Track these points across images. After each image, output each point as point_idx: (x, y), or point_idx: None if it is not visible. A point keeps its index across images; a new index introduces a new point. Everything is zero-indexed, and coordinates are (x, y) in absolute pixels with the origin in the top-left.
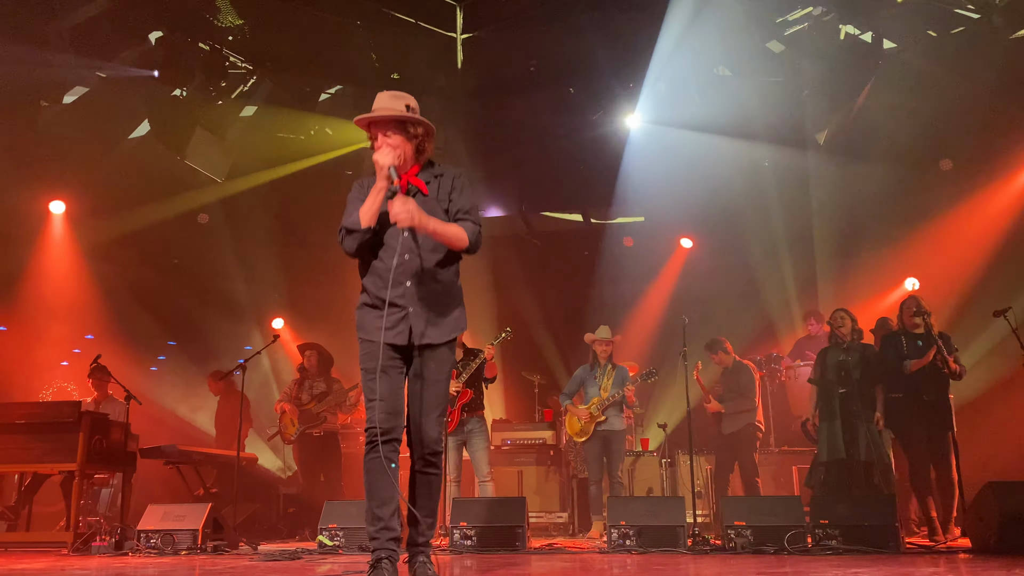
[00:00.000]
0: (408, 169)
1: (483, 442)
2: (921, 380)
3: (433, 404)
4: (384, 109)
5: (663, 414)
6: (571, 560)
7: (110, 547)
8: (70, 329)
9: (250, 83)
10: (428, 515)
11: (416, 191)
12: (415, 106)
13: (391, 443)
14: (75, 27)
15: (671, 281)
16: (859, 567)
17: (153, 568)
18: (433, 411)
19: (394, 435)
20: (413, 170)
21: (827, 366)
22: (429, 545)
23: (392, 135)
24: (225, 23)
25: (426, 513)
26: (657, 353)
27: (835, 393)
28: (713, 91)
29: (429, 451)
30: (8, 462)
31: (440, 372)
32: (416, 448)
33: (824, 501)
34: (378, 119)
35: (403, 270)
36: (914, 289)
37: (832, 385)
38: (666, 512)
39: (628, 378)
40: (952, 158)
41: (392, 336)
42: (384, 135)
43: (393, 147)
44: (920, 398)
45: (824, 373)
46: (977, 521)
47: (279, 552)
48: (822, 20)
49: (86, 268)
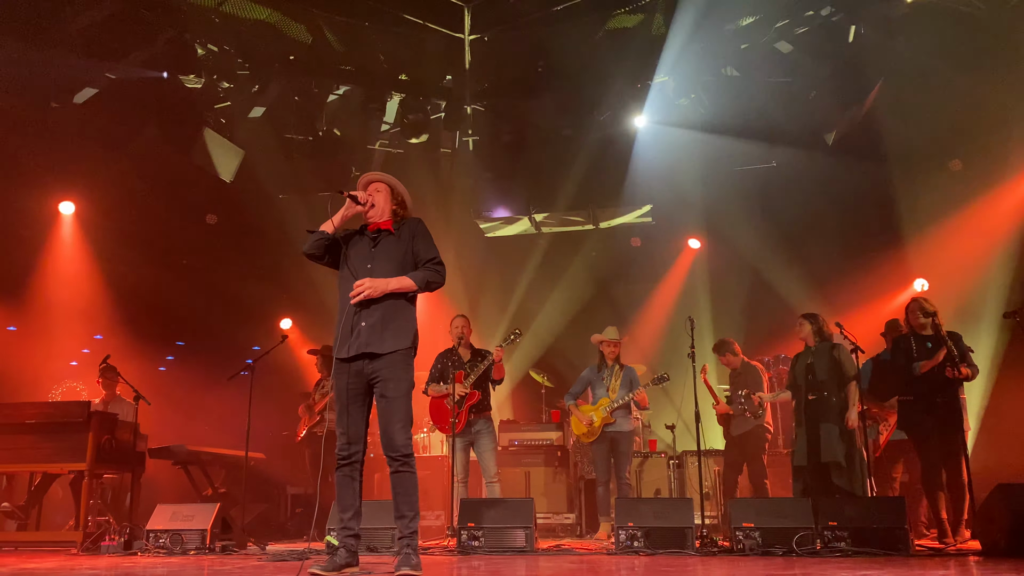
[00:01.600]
0: (385, 219)
1: (490, 443)
2: (932, 382)
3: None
4: (383, 175)
5: (671, 415)
6: (579, 561)
7: (119, 547)
8: (79, 329)
9: (258, 84)
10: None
11: (387, 232)
12: (401, 189)
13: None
14: (84, 28)
15: (679, 282)
16: (868, 569)
17: (162, 568)
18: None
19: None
20: (388, 222)
21: (795, 372)
22: (413, 537)
23: (382, 190)
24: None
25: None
26: (665, 354)
27: (803, 399)
28: (721, 91)
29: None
30: (18, 461)
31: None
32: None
33: (832, 503)
34: (375, 179)
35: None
36: (923, 290)
37: (800, 391)
38: (674, 513)
39: (637, 379)
40: (962, 159)
41: None
42: (376, 188)
43: (373, 193)
44: (932, 400)
45: (794, 379)
46: (987, 523)
47: (287, 552)
48: (831, 20)
49: (95, 268)
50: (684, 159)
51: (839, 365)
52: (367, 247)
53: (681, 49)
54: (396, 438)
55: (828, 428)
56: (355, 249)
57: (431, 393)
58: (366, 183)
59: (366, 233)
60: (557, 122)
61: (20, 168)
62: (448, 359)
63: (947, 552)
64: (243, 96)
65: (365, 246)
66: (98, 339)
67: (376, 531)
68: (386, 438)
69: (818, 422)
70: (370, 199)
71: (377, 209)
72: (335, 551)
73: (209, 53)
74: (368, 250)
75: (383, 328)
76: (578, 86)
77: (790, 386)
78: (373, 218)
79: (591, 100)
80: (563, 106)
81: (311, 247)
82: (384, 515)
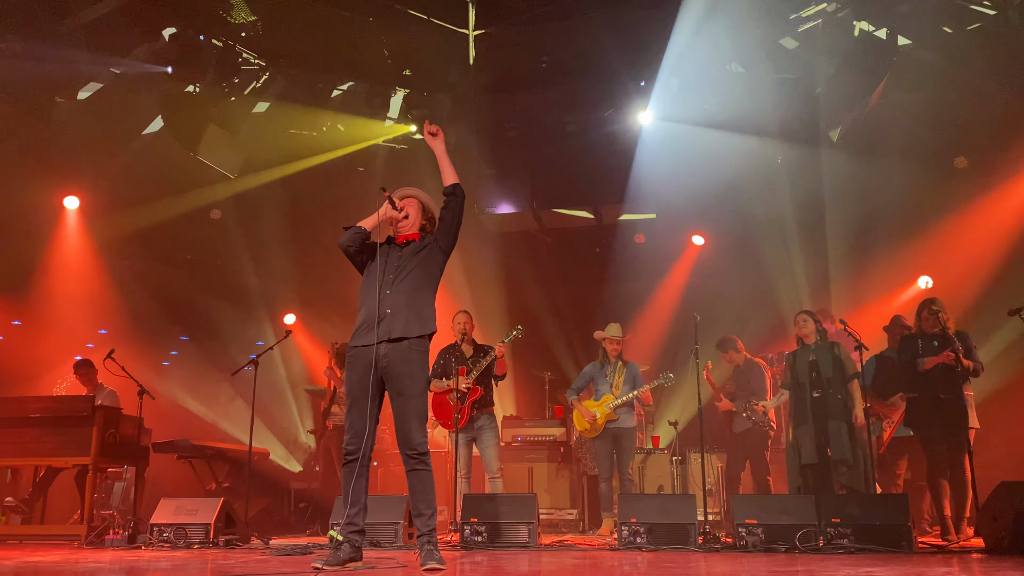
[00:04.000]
0: (413, 231)
1: (493, 439)
2: (937, 379)
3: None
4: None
5: (674, 411)
6: (582, 557)
7: (123, 540)
8: (84, 324)
9: (263, 79)
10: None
11: (413, 243)
12: (432, 206)
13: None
14: (89, 24)
15: (683, 278)
16: (871, 566)
17: (166, 561)
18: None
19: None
20: (415, 235)
21: (797, 369)
22: (433, 533)
23: (415, 205)
24: (238, 19)
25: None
26: (668, 350)
27: (807, 396)
28: (726, 88)
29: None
30: (22, 455)
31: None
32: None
33: (835, 500)
34: (409, 193)
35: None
36: (927, 287)
37: (804, 388)
38: (677, 509)
39: (640, 376)
40: (967, 155)
41: None
42: (409, 202)
43: (405, 206)
44: (937, 396)
45: (795, 377)
46: (990, 521)
47: (291, 547)
48: (836, 16)
49: (100, 263)
50: (688, 155)
51: (841, 363)
52: (395, 256)
53: (686, 45)
54: (413, 436)
55: (836, 425)
56: (382, 256)
57: (434, 389)
58: (401, 196)
59: (394, 243)
60: (561, 118)
61: (25, 163)
62: (451, 355)
63: (950, 549)
64: (247, 91)
65: (392, 255)
66: (102, 334)
67: (379, 526)
68: (402, 436)
69: (826, 419)
70: (405, 209)
71: (408, 221)
72: (339, 546)
73: (213, 48)
74: (396, 259)
75: (407, 314)
76: (583, 82)
77: (789, 383)
78: (403, 229)
79: (596, 96)
80: (567, 102)
81: (349, 240)
82: (387, 510)
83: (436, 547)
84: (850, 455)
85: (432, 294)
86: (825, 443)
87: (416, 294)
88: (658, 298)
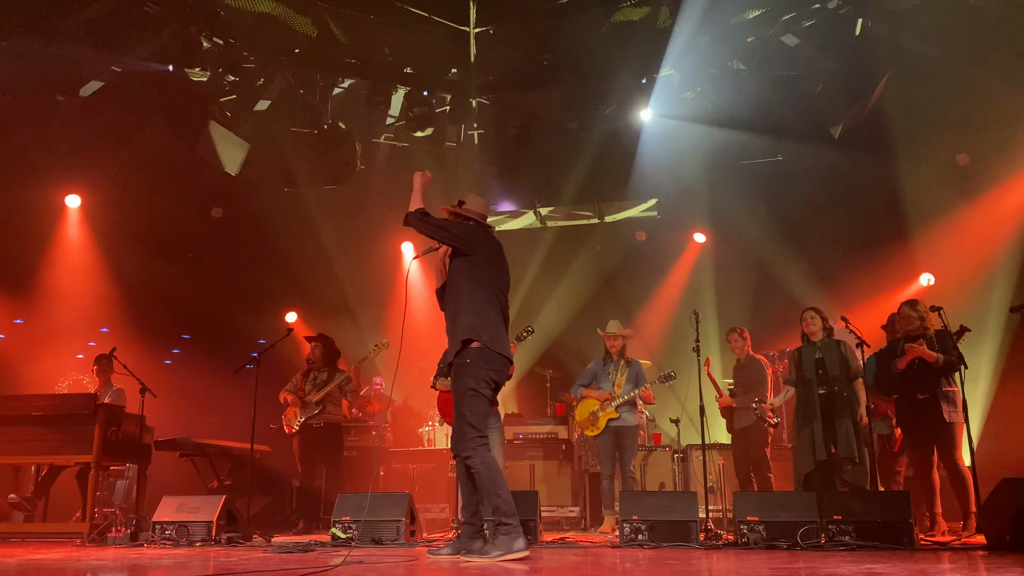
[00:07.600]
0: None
1: (496, 436)
2: (917, 378)
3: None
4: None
5: (675, 409)
6: (583, 554)
7: (125, 538)
8: (85, 322)
9: (263, 77)
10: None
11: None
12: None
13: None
14: (90, 21)
15: (684, 276)
16: (873, 563)
17: (168, 559)
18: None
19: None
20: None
21: (803, 366)
22: (501, 525)
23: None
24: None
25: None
26: (670, 347)
27: (814, 393)
28: (727, 85)
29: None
30: (25, 453)
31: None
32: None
33: (837, 497)
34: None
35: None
36: (929, 284)
37: (810, 385)
38: (679, 507)
39: (643, 374)
40: (968, 152)
41: None
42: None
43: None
44: (914, 396)
45: (801, 374)
46: (993, 517)
47: (292, 544)
48: (838, 13)
49: (101, 262)
50: (690, 153)
51: (847, 360)
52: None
53: (687, 42)
54: (456, 441)
55: (844, 423)
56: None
57: (439, 387)
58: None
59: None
60: (563, 116)
61: (26, 161)
62: None
63: (952, 546)
64: (248, 89)
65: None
66: (104, 332)
67: (381, 524)
68: (452, 440)
69: (833, 417)
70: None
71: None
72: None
73: (215, 46)
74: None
75: (452, 328)
76: (584, 79)
77: (794, 380)
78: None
79: (597, 93)
80: (569, 100)
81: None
82: (390, 508)
83: (484, 540)
84: (856, 452)
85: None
86: (832, 440)
87: (452, 299)
88: (660, 295)
